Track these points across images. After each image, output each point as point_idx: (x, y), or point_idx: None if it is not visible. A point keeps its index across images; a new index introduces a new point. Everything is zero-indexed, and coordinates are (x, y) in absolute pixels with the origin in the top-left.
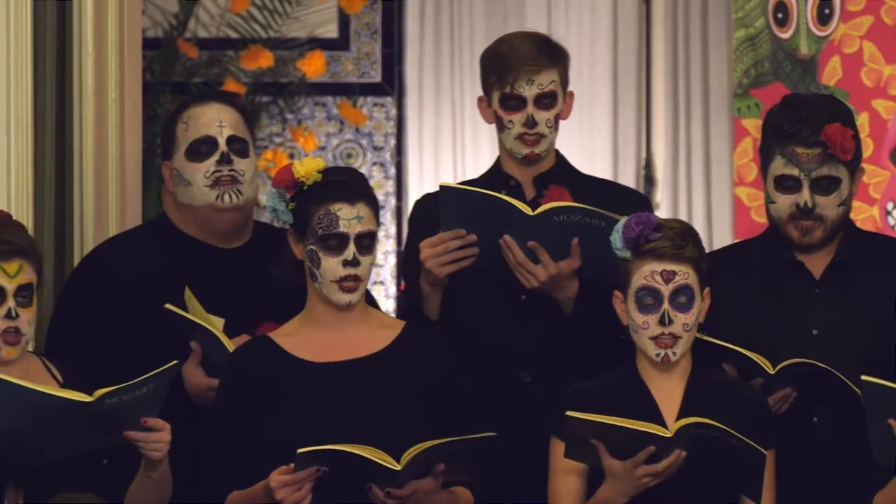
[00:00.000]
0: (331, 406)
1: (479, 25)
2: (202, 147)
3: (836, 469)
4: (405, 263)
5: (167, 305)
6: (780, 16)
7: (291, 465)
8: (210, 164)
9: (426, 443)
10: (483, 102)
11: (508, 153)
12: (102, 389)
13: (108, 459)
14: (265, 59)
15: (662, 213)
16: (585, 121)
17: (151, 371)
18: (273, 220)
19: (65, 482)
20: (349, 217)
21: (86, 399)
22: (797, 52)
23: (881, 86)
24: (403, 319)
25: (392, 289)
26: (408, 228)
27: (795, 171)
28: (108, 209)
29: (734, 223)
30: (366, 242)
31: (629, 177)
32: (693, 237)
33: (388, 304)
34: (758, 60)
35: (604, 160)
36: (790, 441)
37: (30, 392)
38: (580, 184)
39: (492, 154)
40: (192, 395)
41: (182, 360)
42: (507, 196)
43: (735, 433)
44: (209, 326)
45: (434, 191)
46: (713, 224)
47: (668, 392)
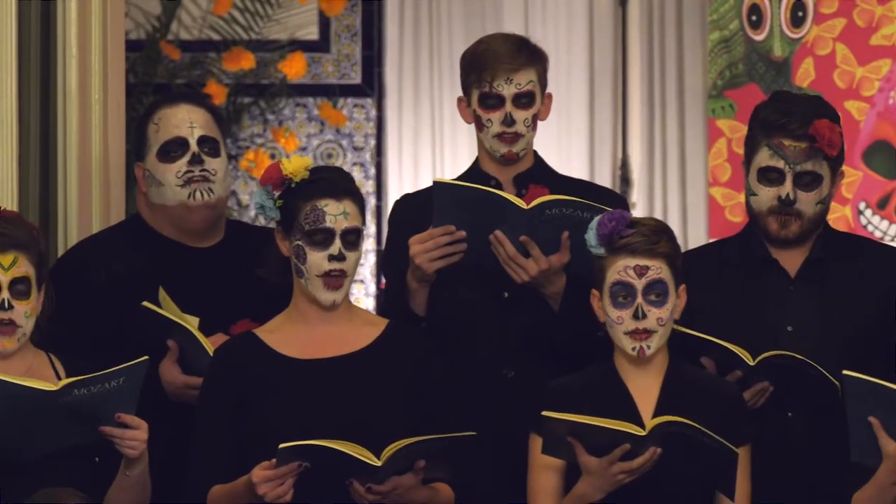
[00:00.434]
0: (315, 402)
1: (458, 28)
2: (173, 148)
3: (812, 464)
4: (385, 262)
5: (145, 303)
6: (754, 18)
7: (273, 461)
8: (181, 165)
9: (406, 440)
10: (462, 103)
11: (487, 152)
12: (67, 379)
13: (99, 458)
14: (247, 61)
15: (638, 213)
16: (562, 122)
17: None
18: (258, 218)
19: (47, 481)
20: (335, 213)
21: (52, 388)
22: (771, 54)
23: (853, 87)
24: (386, 313)
25: (372, 287)
26: (388, 228)
27: (781, 164)
28: (92, 209)
29: (709, 223)
30: (352, 238)
31: (605, 177)
32: (667, 234)
33: (368, 303)
34: (732, 62)
35: (580, 161)
36: (765, 436)
37: None
38: (558, 184)
39: (470, 154)
40: (170, 393)
41: (155, 358)
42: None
43: (708, 432)
44: (187, 325)
45: (413, 191)
46: (688, 223)
47: (645, 389)
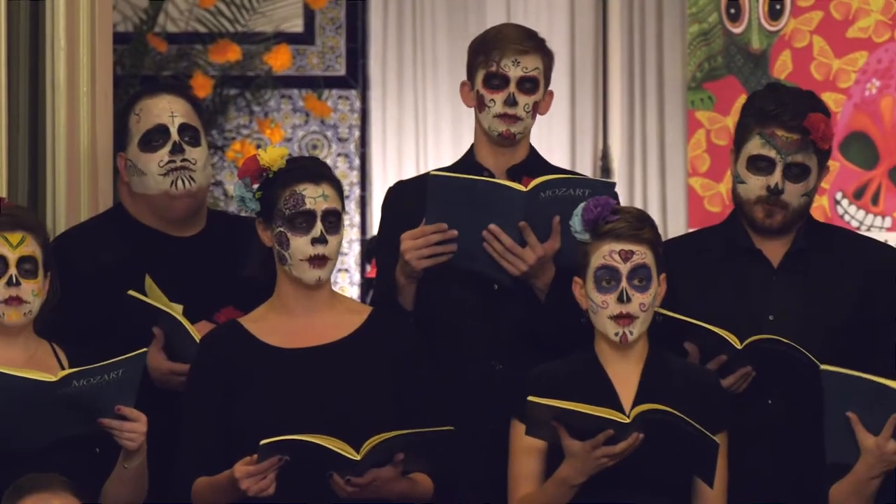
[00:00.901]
0: (299, 391)
1: (441, 21)
2: (155, 137)
3: (790, 451)
4: (377, 251)
5: (130, 292)
6: (733, 11)
7: (255, 457)
8: (163, 155)
9: (386, 434)
10: (466, 87)
11: (485, 133)
12: (67, 370)
13: (99, 448)
14: (233, 53)
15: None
16: None
17: (117, 357)
18: (240, 210)
19: (45, 471)
20: (315, 195)
21: (51, 379)
22: (749, 47)
23: (830, 79)
24: (377, 305)
25: (357, 276)
26: (380, 215)
27: (772, 153)
28: (80, 198)
29: (688, 212)
30: (332, 220)
31: (586, 167)
32: (650, 222)
33: (353, 291)
34: (711, 55)
35: (562, 151)
36: (745, 423)
37: None
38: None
39: (454, 145)
40: (155, 380)
41: (141, 345)
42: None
43: (690, 420)
44: (172, 312)
45: (405, 178)
46: (668, 213)
47: (626, 376)
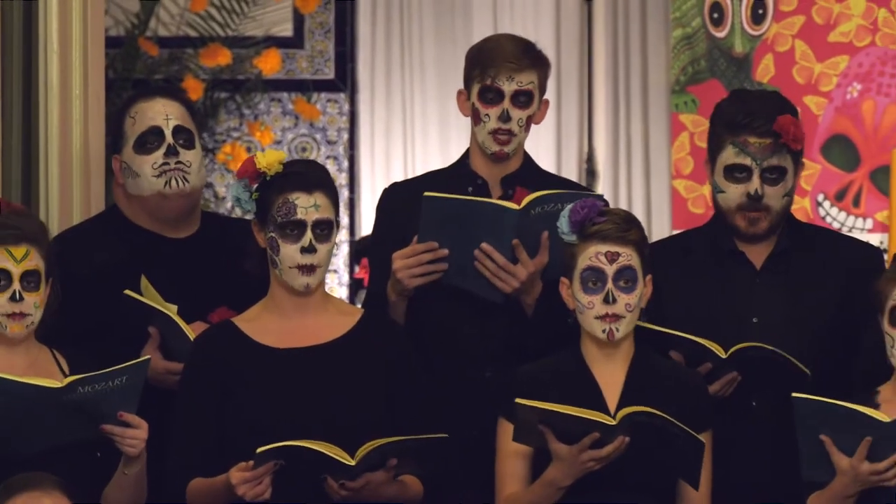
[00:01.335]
0: (292, 391)
1: (428, 25)
2: (149, 139)
3: (773, 452)
4: (371, 252)
5: (126, 291)
6: (716, 16)
7: (250, 462)
8: (158, 157)
9: (380, 440)
10: (462, 96)
11: (479, 147)
12: (72, 377)
13: (101, 453)
14: (223, 57)
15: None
16: None
17: (117, 361)
18: (233, 210)
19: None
20: (306, 205)
21: (57, 385)
22: (732, 51)
23: (812, 83)
24: (373, 303)
25: (345, 277)
26: (375, 217)
27: (747, 161)
28: (73, 200)
29: (672, 214)
30: (323, 230)
31: (572, 170)
32: (637, 224)
33: (342, 292)
34: (694, 58)
35: (547, 154)
36: (728, 424)
37: (1, 381)
38: (546, 184)
39: (440, 147)
40: (151, 379)
41: (137, 345)
42: (490, 198)
43: (675, 422)
44: (167, 311)
45: (400, 180)
46: (652, 215)
47: (611, 377)
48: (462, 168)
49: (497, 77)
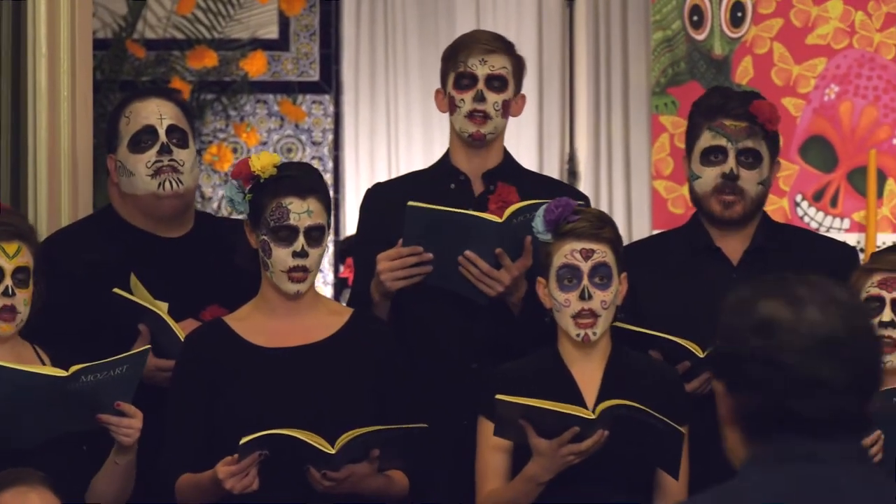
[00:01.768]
0: (281, 390)
1: (412, 27)
2: (143, 137)
3: None
4: (355, 252)
5: (115, 290)
6: (696, 18)
7: (235, 456)
8: (151, 155)
9: (360, 429)
10: (440, 93)
11: (458, 136)
12: (78, 365)
13: (87, 446)
14: (209, 59)
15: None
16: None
17: (109, 357)
18: (222, 210)
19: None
20: (299, 211)
21: (62, 374)
22: (711, 53)
23: (790, 84)
24: (357, 302)
25: (330, 276)
26: (358, 217)
27: (723, 142)
28: (61, 200)
29: (652, 214)
30: (315, 235)
31: (553, 170)
32: (610, 222)
33: (327, 291)
34: (674, 60)
35: (529, 154)
36: (705, 418)
37: (5, 370)
38: (526, 181)
39: (424, 148)
40: (143, 376)
41: (127, 342)
42: (472, 210)
43: (654, 413)
44: (157, 309)
45: (382, 181)
46: (632, 214)
47: (589, 374)
48: (443, 165)
49: (469, 60)
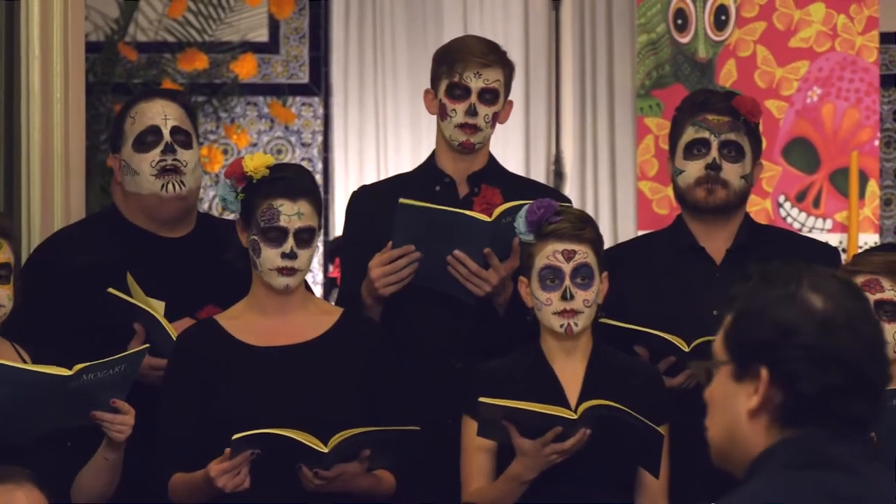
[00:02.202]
0: (272, 389)
1: (400, 30)
2: (148, 137)
3: None
4: (342, 253)
5: (110, 289)
6: (680, 22)
7: (227, 454)
8: (155, 155)
9: (353, 430)
10: (429, 94)
11: (446, 142)
12: (80, 364)
13: (71, 442)
14: (200, 62)
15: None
16: None
17: (106, 355)
18: (221, 210)
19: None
20: (290, 213)
21: (66, 373)
22: (695, 56)
23: (773, 87)
24: (345, 302)
25: (319, 276)
26: (345, 219)
27: (706, 134)
28: (54, 201)
29: (637, 214)
30: (305, 237)
31: (540, 172)
32: (591, 223)
33: (316, 291)
34: (659, 63)
35: (516, 156)
36: (691, 416)
37: (9, 369)
38: (510, 184)
39: (413, 150)
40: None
41: (123, 341)
42: (463, 209)
43: (634, 414)
44: (149, 309)
45: (369, 182)
46: (618, 215)
47: (571, 373)
48: (429, 167)
49: (464, 73)
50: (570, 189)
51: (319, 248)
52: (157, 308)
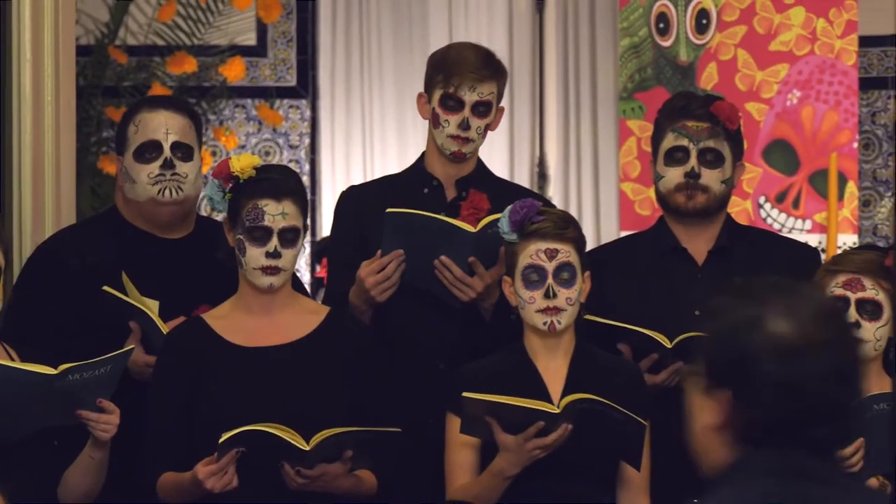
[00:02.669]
0: (259, 389)
1: (387, 34)
2: (148, 150)
3: None
4: (330, 253)
5: (105, 288)
6: (662, 25)
7: (214, 456)
8: (154, 168)
9: (336, 429)
10: (423, 98)
11: (438, 148)
12: (66, 364)
13: (57, 441)
14: (189, 65)
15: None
16: None
17: (102, 353)
18: (209, 210)
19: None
20: (274, 213)
21: (51, 372)
22: (677, 59)
23: (754, 90)
24: (332, 301)
25: (306, 276)
26: (333, 219)
27: (685, 142)
28: (45, 203)
29: (620, 215)
30: (289, 237)
31: (524, 173)
32: (574, 223)
33: None
34: (641, 66)
35: (501, 158)
36: (674, 412)
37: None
38: (497, 188)
39: (398, 152)
40: (133, 372)
41: (119, 339)
42: (449, 217)
43: (616, 406)
44: (143, 308)
45: (357, 183)
46: (601, 216)
47: (554, 370)
48: (418, 169)
49: (460, 87)
50: (554, 190)
51: (306, 249)
52: (152, 307)
